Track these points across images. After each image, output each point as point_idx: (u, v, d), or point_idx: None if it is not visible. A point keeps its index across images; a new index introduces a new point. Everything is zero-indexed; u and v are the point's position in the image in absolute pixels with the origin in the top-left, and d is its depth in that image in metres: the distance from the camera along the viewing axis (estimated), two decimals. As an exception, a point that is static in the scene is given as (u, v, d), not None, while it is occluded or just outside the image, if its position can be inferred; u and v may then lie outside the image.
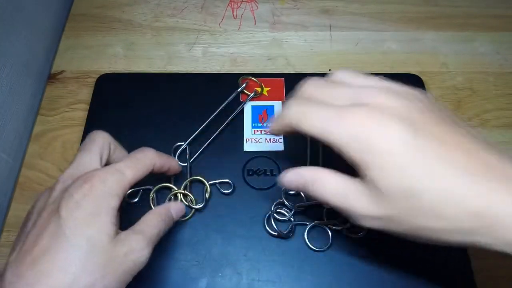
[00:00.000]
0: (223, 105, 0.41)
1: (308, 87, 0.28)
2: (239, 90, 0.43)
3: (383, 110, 0.24)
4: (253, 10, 0.53)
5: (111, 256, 0.26)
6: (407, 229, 0.24)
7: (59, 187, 0.28)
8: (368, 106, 0.24)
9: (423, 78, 0.45)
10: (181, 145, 0.39)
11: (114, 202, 0.27)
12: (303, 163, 0.39)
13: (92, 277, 0.25)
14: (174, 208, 0.33)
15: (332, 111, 0.25)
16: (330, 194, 0.26)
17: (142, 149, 0.31)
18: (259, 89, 0.44)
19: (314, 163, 0.39)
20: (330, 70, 0.47)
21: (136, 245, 0.28)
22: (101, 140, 0.31)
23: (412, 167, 0.22)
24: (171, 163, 0.34)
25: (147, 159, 0.30)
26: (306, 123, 0.26)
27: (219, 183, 0.38)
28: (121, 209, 0.28)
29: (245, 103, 0.43)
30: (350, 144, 0.24)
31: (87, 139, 0.31)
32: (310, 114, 0.26)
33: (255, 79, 0.44)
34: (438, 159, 0.22)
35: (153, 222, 0.30)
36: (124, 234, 0.28)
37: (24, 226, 0.28)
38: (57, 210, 0.26)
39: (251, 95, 0.43)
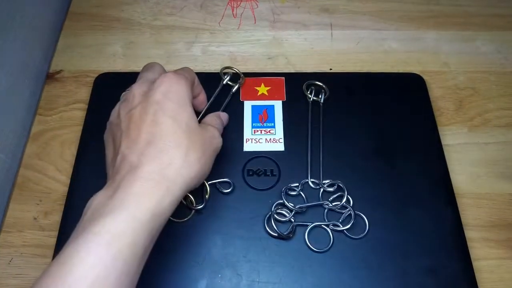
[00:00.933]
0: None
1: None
2: (223, 83, 0.43)
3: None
4: (253, 8, 0.52)
5: (203, 138, 0.31)
6: None
7: (137, 93, 0.31)
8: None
9: (424, 77, 0.45)
10: None
11: (190, 95, 0.32)
12: (303, 163, 0.39)
13: (198, 152, 0.30)
14: (223, 115, 0.40)
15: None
16: None
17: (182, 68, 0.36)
18: (241, 76, 0.43)
19: (315, 162, 0.39)
20: (330, 69, 0.47)
21: (214, 132, 0.34)
22: (158, 64, 0.36)
23: None
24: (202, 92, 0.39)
25: (191, 69, 0.36)
26: None
27: (219, 182, 0.38)
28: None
29: (231, 93, 0.43)
30: None
31: (146, 66, 0.36)
32: None
33: (235, 69, 0.43)
34: None
35: (215, 120, 0.37)
36: (202, 124, 0.33)
37: (111, 142, 0.31)
38: (150, 104, 0.30)
39: (237, 86, 0.43)
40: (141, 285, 0.34)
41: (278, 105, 0.43)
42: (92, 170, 0.37)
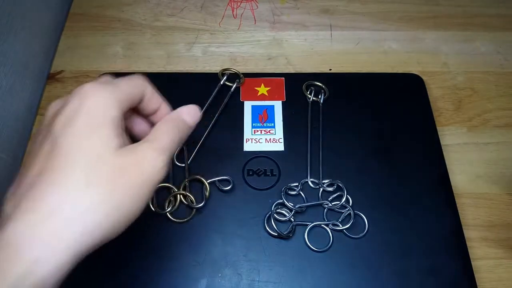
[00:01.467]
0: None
1: None
2: (221, 83, 0.43)
3: None
4: (253, 9, 0.53)
5: (118, 168, 0.23)
6: None
7: (49, 112, 0.25)
8: None
9: (423, 78, 0.45)
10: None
11: (112, 112, 0.24)
12: (303, 163, 0.39)
13: (99, 193, 0.22)
14: (186, 112, 0.28)
15: None
16: None
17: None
18: (240, 77, 0.44)
19: (314, 162, 0.39)
20: (330, 69, 0.47)
21: (147, 154, 0.24)
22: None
23: None
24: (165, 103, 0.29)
25: (140, 79, 0.27)
26: None
27: (218, 180, 0.38)
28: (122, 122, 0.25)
29: (230, 93, 0.43)
30: None
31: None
32: None
33: (234, 70, 0.44)
34: None
35: (163, 129, 0.26)
36: (132, 145, 0.24)
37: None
38: (50, 131, 0.23)
39: (235, 85, 0.43)
40: (141, 285, 0.34)
41: (278, 105, 0.43)
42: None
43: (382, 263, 0.35)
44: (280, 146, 0.40)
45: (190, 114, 0.28)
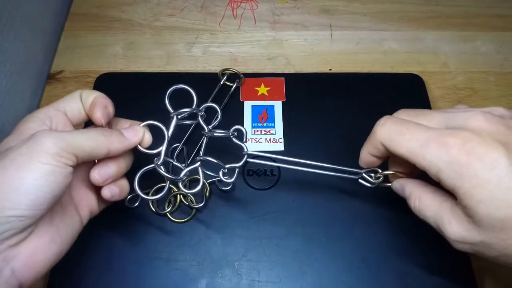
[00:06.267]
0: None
1: (402, 113, 0.28)
2: (221, 83, 0.43)
3: (480, 135, 0.23)
4: (253, 9, 0.53)
5: None
6: (500, 254, 0.23)
7: None
8: (465, 130, 0.24)
9: (423, 77, 0.45)
10: (177, 147, 0.39)
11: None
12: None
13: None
14: (126, 130, 0.29)
15: (427, 132, 0.24)
16: (425, 214, 0.27)
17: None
18: (240, 77, 0.44)
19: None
20: (330, 69, 0.47)
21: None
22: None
23: (508, 195, 0.22)
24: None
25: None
26: (399, 143, 0.25)
27: (218, 180, 0.38)
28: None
29: (230, 93, 0.43)
30: (446, 170, 0.23)
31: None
32: (404, 134, 0.25)
33: (234, 70, 0.44)
34: None
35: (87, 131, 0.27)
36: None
37: None
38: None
39: (235, 85, 0.43)
40: (140, 285, 0.34)
41: (278, 105, 0.43)
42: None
43: (382, 263, 0.35)
44: (280, 146, 0.40)
45: (130, 131, 0.30)
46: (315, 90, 0.44)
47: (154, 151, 0.31)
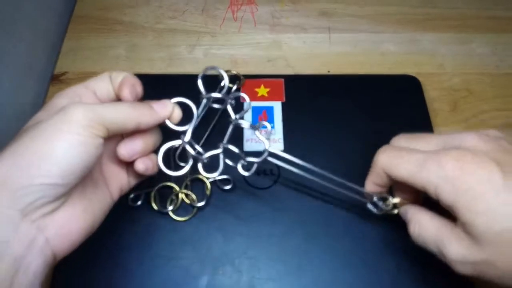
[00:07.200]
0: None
1: (398, 140, 0.29)
2: (221, 85, 0.43)
3: (475, 152, 0.24)
4: (253, 12, 0.53)
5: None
6: (504, 273, 0.23)
7: None
8: (459, 149, 0.24)
9: (420, 79, 0.46)
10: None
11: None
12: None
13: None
14: (155, 103, 0.29)
15: (422, 155, 0.25)
16: (425, 238, 0.27)
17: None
18: (241, 78, 0.45)
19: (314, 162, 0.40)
20: (328, 71, 0.48)
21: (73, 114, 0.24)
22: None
23: (505, 209, 0.22)
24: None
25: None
26: (397, 168, 0.26)
27: (220, 180, 0.38)
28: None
29: (229, 96, 0.43)
30: (442, 187, 0.24)
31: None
32: (403, 156, 0.26)
33: (235, 72, 0.45)
34: None
35: (117, 105, 0.27)
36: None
37: None
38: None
39: (235, 86, 0.44)
40: (142, 282, 0.34)
41: (277, 106, 0.44)
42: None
43: (381, 263, 0.35)
44: (279, 146, 0.41)
45: (159, 105, 0.29)
46: (314, 91, 0.44)
47: (182, 128, 0.31)
